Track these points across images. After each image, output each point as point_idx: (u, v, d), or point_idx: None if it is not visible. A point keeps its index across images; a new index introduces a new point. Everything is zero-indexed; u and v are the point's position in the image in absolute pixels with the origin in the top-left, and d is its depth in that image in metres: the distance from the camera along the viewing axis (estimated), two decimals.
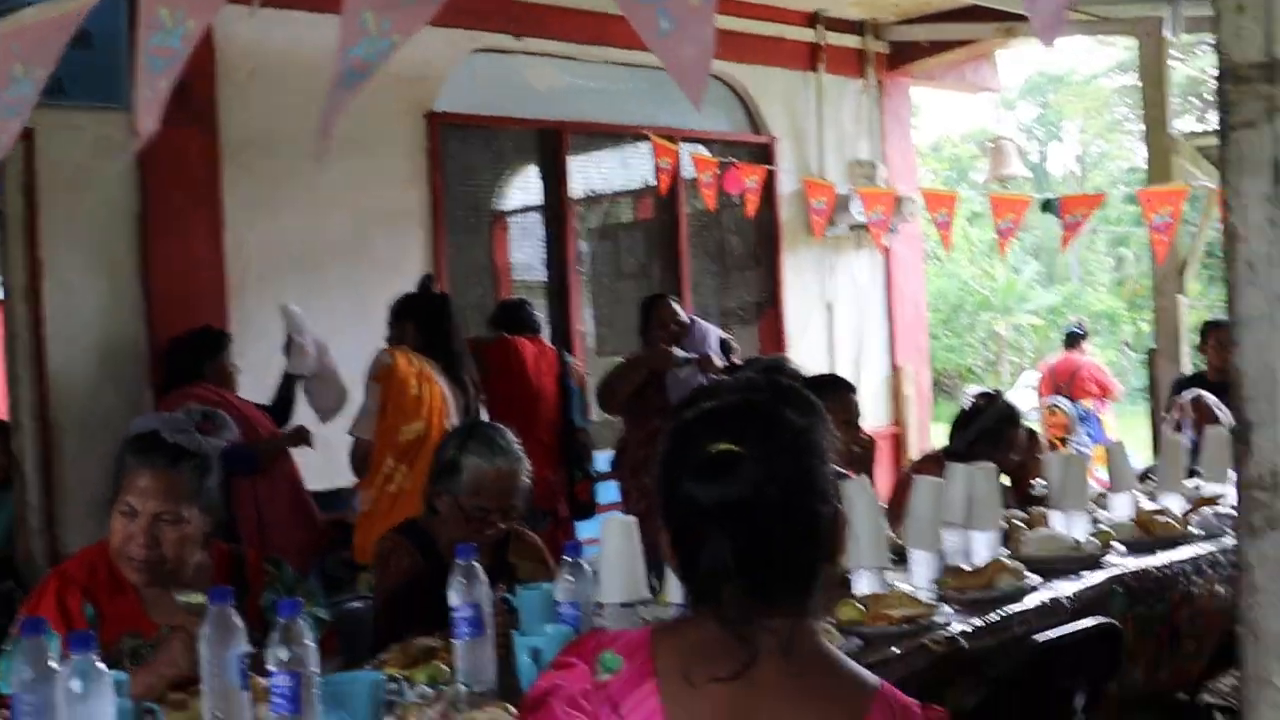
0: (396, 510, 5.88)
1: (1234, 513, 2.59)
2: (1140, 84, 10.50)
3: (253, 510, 6.49)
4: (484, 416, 6.77)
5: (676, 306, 7.93)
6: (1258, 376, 1.47)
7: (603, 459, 8.11)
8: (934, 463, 5.83)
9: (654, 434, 7.85)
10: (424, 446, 6.00)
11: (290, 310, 6.95)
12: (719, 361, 7.68)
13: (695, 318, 8.14)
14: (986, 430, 6.01)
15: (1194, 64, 24.80)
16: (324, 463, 6.96)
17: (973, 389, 10.07)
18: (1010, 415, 6.11)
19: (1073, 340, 15.33)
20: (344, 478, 6.79)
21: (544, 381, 7.49)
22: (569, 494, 7.49)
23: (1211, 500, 5.43)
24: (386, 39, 2.77)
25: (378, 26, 2.79)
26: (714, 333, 8.07)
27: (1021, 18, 10.19)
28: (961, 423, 6.18)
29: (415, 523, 4.47)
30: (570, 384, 7.59)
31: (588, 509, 7.55)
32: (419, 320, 6.70)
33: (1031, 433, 6.83)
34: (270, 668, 2.86)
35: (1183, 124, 11.89)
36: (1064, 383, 14.68)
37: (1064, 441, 13.43)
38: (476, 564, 3.53)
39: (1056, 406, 14.20)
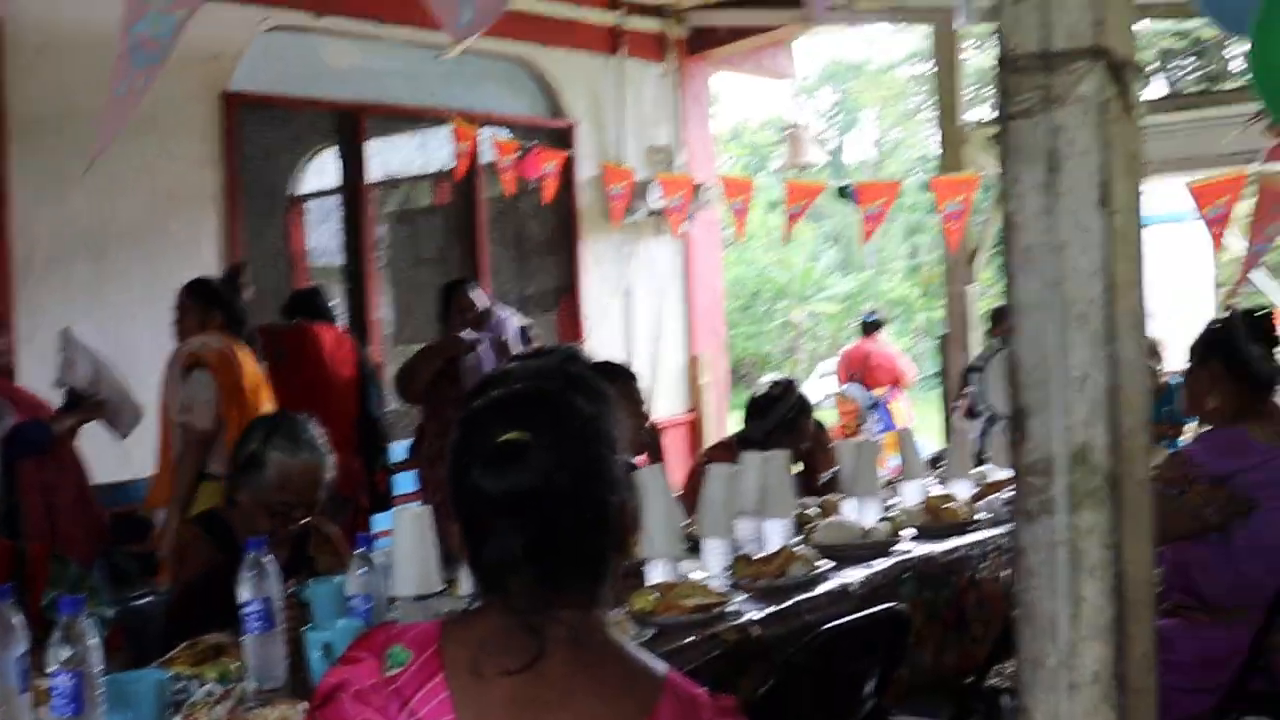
0: None
1: None
2: (934, 73, 10.72)
3: (39, 496, 6.28)
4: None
5: (474, 293, 7.88)
6: (1034, 363, 1.49)
7: (400, 449, 8.05)
8: (726, 450, 5.89)
9: (449, 424, 7.85)
10: None
11: (68, 334, 6.67)
12: (516, 349, 7.65)
13: (495, 304, 8.08)
14: (784, 420, 6.08)
15: (987, 54, 25.34)
16: (111, 455, 6.77)
17: (767, 377, 10.18)
18: (806, 405, 6.18)
19: (869, 328, 15.58)
20: (132, 470, 6.63)
21: (341, 370, 7.37)
22: (369, 484, 7.40)
23: (998, 486, 5.54)
24: (170, 15, 2.70)
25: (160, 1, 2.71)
26: (513, 320, 8.02)
27: None
28: (756, 411, 6.24)
29: (215, 513, 4.38)
30: (367, 373, 7.46)
31: (385, 500, 7.45)
32: (227, 308, 6.59)
33: (819, 423, 6.92)
34: (50, 668, 2.78)
35: (975, 113, 12.12)
36: (857, 370, 14.91)
37: (854, 430, 13.68)
38: (268, 557, 3.46)
39: (846, 395, 14.44)
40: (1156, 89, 26.55)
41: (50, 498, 6.31)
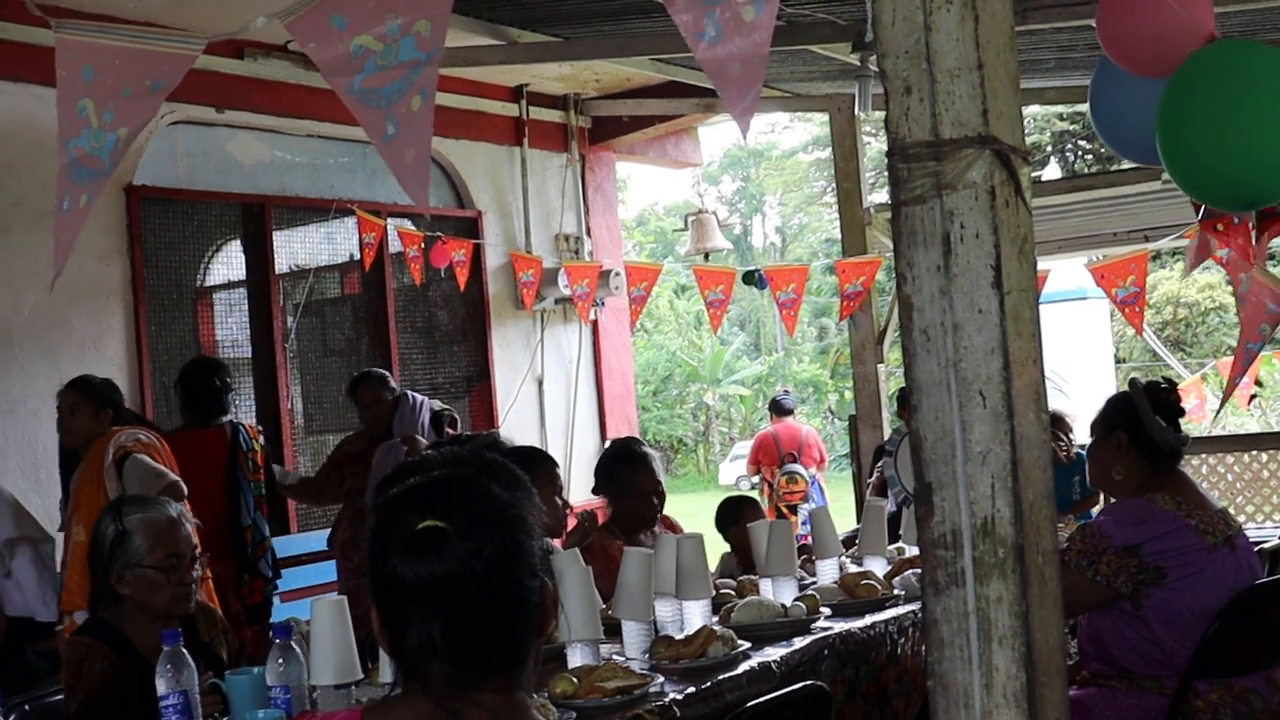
0: None
1: None
2: (834, 159, 10.86)
3: None
4: None
5: (381, 385, 7.86)
6: (936, 440, 1.53)
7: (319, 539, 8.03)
8: (611, 535, 5.90)
9: (360, 513, 7.73)
10: None
11: None
12: (425, 439, 7.60)
13: (409, 392, 8.04)
14: (605, 474, 6.09)
15: (885, 139, 25.69)
16: None
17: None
18: (622, 456, 6.14)
19: (783, 409, 15.63)
20: None
21: (206, 477, 7.08)
22: (239, 594, 7.20)
23: (913, 562, 5.57)
24: (111, 132, 2.72)
25: (99, 119, 2.74)
26: (427, 406, 7.98)
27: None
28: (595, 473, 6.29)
29: (101, 621, 4.20)
30: (242, 476, 7.27)
31: (262, 611, 7.25)
32: (116, 407, 6.56)
33: (753, 501, 6.94)
34: None
35: (877, 197, 12.29)
36: (793, 450, 14.90)
37: (795, 509, 13.72)
38: (184, 649, 3.44)
39: (796, 474, 14.46)
40: (1051, 171, 27.03)
41: None
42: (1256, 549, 4.88)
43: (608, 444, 6.66)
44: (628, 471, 6.00)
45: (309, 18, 2.70)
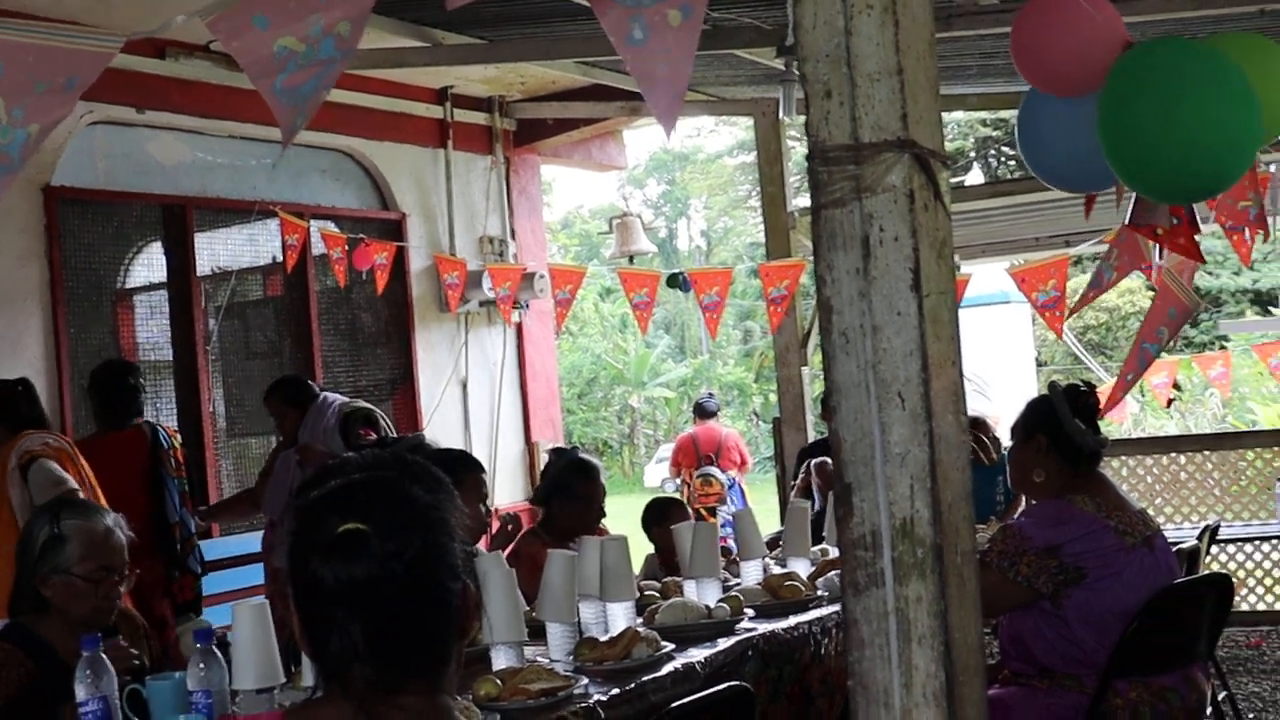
0: None
1: None
2: (758, 162, 10.91)
3: None
4: None
5: (285, 397, 7.78)
6: (855, 441, 1.54)
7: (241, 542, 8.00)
8: (538, 540, 5.92)
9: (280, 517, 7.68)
10: None
11: None
12: (330, 442, 7.48)
13: (326, 394, 7.95)
14: (556, 483, 6.12)
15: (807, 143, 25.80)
16: None
17: (549, 446, 10.25)
18: (578, 468, 6.18)
19: (706, 412, 15.67)
20: None
21: (128, 476, 7.05)
22: (168, 591, 7.15)
23: (836, 563, 5.59)
24: (21, 129, 2.69)
25: (9, 115, 2.71)
26: (336, 409, 7.74)
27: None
28: (540, 478, 6.33)
29: (19, 626, 4.13)
30: (165, 474, 7.20)
31: (192, 607, 7.20)
32: (33, 410, 6.49)
33: (678, 502, 6.97)
34: None
35: (801, 201, 12.35)
36: (711, 453, 14.96)
37: (713, 511, 13.75)
38: (103, 655, 3.41)
39: (711, 476, 14.50)
40: (974, 176, 27.26)
41: None
42: (1175, 549, 4.95)
43: (550, 451, 6.66)
44: (582, 482, 6.07)
45: (231, 18, 2.68)
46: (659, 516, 6.59)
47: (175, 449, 7.26)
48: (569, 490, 6.07)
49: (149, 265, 9.09)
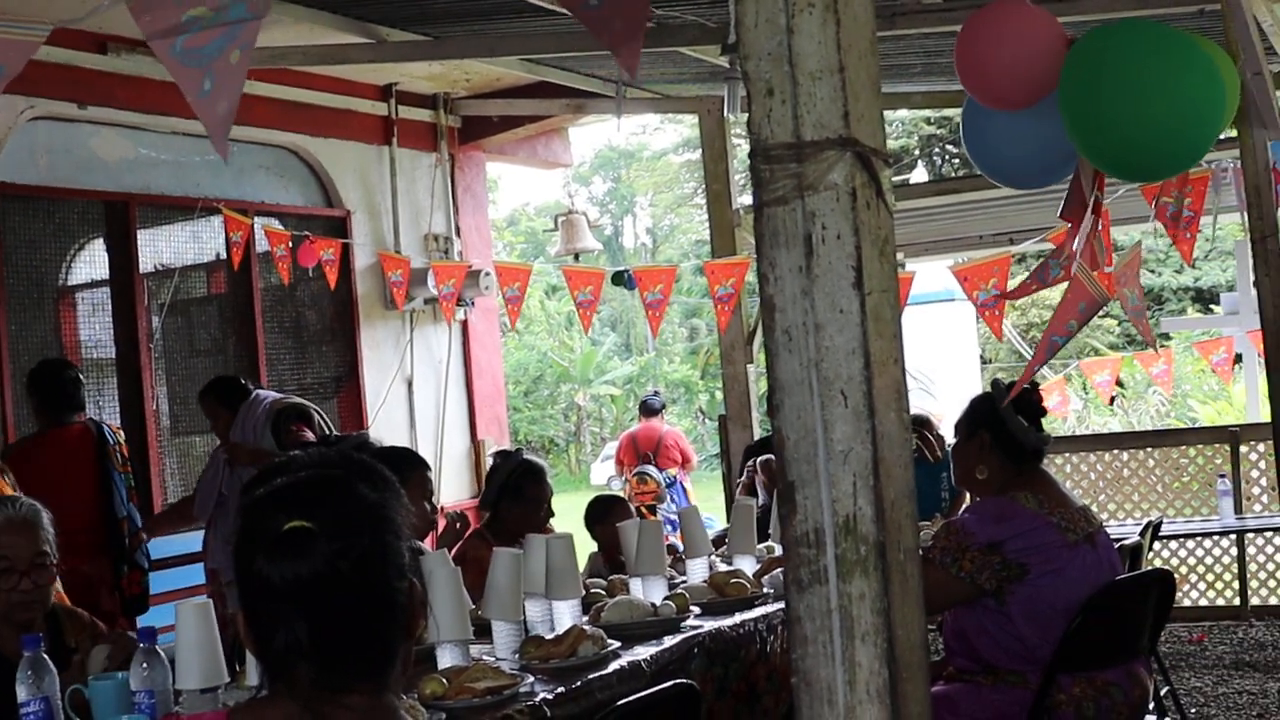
0: None
1: None
2: (704, 160, 10.93)
3: None
4: None
5: (216, 398, 7.73)
6: (799, 439, 1.55)
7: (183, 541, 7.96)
8: (483, 541, 5.94)
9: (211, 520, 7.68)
10: None
11: None
12: (260, 439, 7.44)
13: (259, 392, 7.89)
14: (508, 485, 6.14)
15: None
16: None
17: (495, 447, 10.27)
18: (527, 469, 6.21)
19: (649, 409, 15.70)
20: None
21: (78, 471, 7.07)
22: (117, 586, 7.12)
23: (781, 561, 5.60)
24: None
25: None
26: (267, 406, 7.67)
27: (589, 94, 10.49)
28: (486, 481, 6.33)
29: None
30: (108, 469, 7.16)
31: (140, 602, 7.22)
32: None
33: (622, 500, 6.98)
34: None
35: (746, 199, 12.38)
36: (649, 451, 15.00)
37: (653, 510, 13.76)
38: (44, 655, 3.38)
39: (646, 475, 14.54)
40: (919, 174, 27.39)
41: None
42: (1118, 546, 4.99)
43: (496, 454, 6.65)
44: (531, 484, 6.11)
45: None
46: (602, 514, 6.61)
47: (120, 445, 7.25)
48: (518, 492, 6.09)
49: (91, 262, 9.02)
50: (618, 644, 4.36)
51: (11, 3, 6.73)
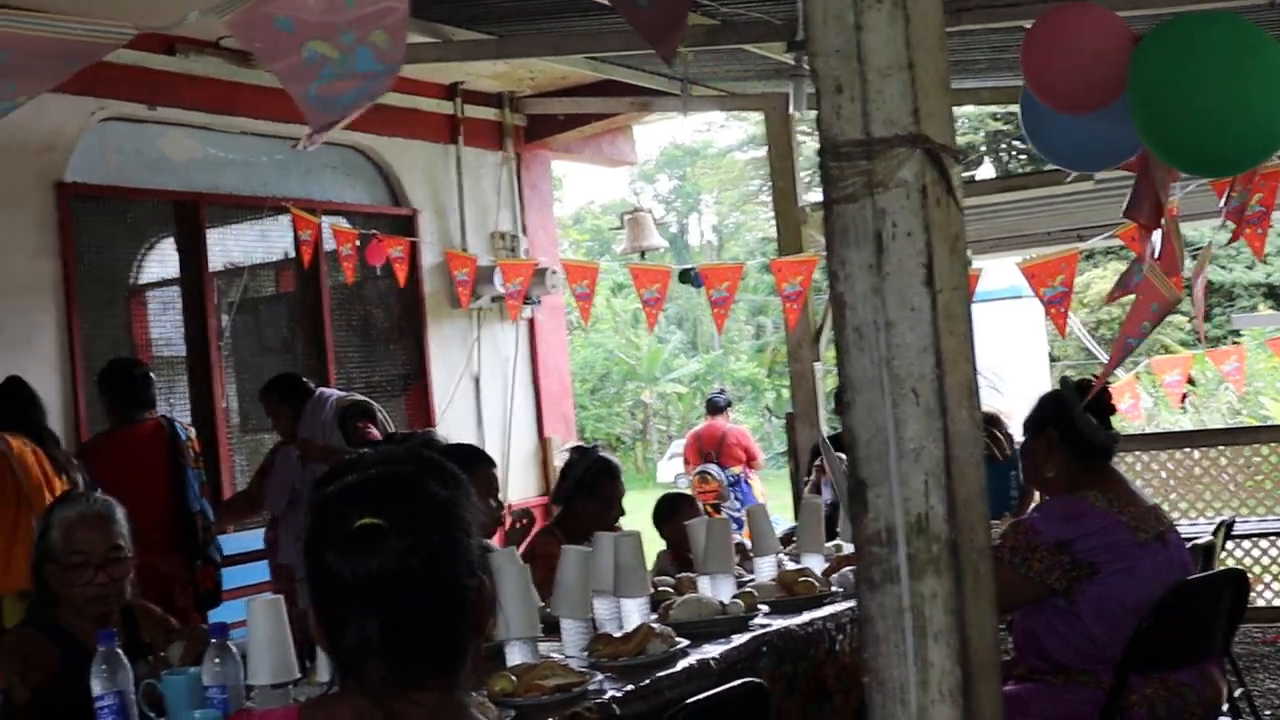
0: None
1: None
2: (769, 158, 10.90)
3: None
4: None
5: (279, 396, 7.78)
6: (869, 437, 1.54)
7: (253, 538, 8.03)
8: (551, 533, 5.96)
9: (276, 518, 7.75)
10: None
11: None
12: (327, 437, 7.49)
13: (322, 390, 7.94)
14: (581, 482, 6.15)
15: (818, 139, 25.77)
16: None
17: (568, 444, 10.28)
18: (603, 467, 6.22)
19: (714, 407, 15.69)
20: None
21: (151, 467, 7.15)
22: (190, 581, 7.18)
23: (851, 559, 5.59)
24: (10, 102, 2.69)
25: (3, 89, 2.71)
26: (333, 403, 7.75)
27: (655, 92, 10.49)
28: (560, 478, 6.34)
29: (40, 615, 4.24)
30: (182, 465, 7.26)
31: (213, 597, 7.29)
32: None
33: (690, 499, 6.97)
34: None
35: (812, 195, 12.33)
36: (712, 449, 14.99)
37: (716, 508, 13.74)
38: (119, 650, 3.42)
39: (707, 473, 14.52)
40: (985, 170, 27.20)
41: None
42: (1190, 545, 4.94)
43: (572, 450, 6.67)
44: (607, 482, 6.12)
45: (250, 18, 2.67)
46: (670, 513, 6.61)
47: (192, 440, 7.34)
48: (593, 489, 6.10)
49: (161, 261, 9.11)
50: (686, 642, 4.36)
51: (98, 8, 6.84)
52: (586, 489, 6.12)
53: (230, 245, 9.48)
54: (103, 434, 7.38)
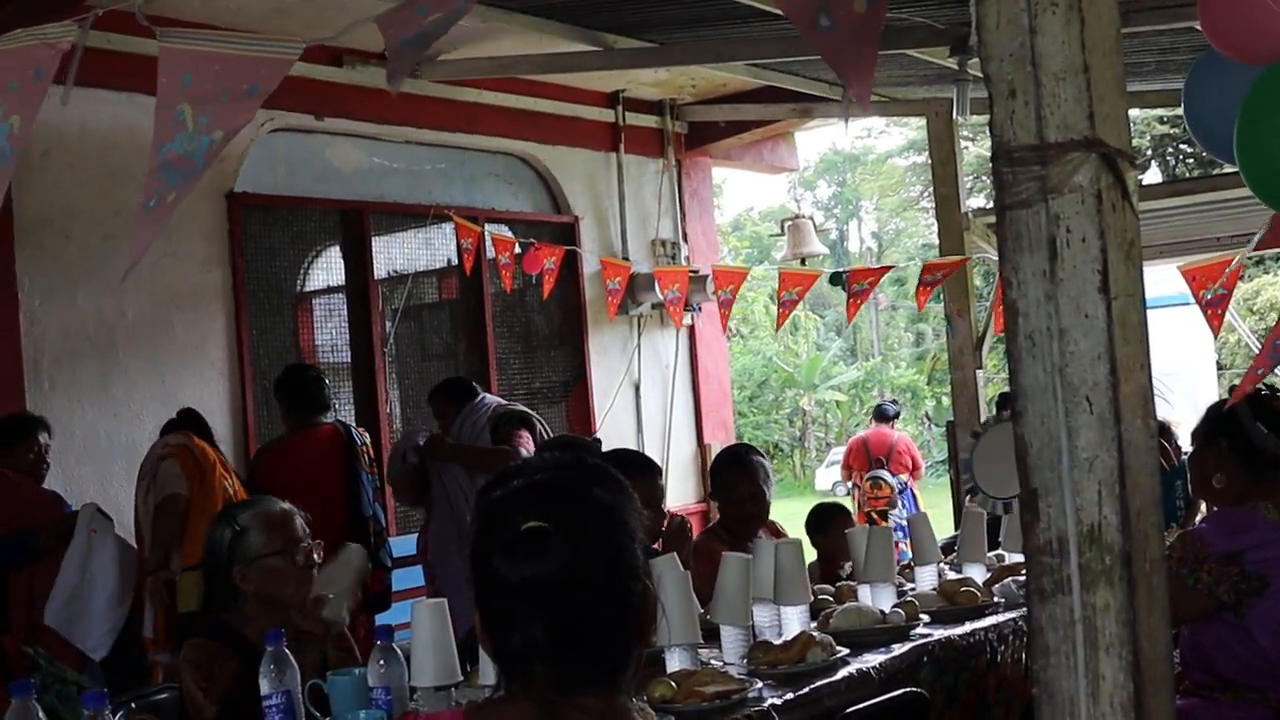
0: None
1: None
2: (931, 163, 10.80)
3: (25, 599, 6.31)
4: None
5: (444, 397, 7.85)
6: (1042, 446, 1.52)
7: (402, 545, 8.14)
8: (714, 535, 5.97)
9: (443, 519, 7.81)
10: None
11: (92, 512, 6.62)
12: (481, 440, 7.55)
13: (486, 395, 8.01)
14: (714, 477, 6.16)
15: (984, 144, 25.53)
16: None
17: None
18: (728, 459, 6.21)
19: (883, 415, 15.62)
20: None
21: (326, 472, 7.29)
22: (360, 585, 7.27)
23: (1013, 569, 5.53)
24: (206, 135, 2.75)
25: (195, 122, 2.77)
26: (489, 409, 7.77)
27: (815, 98, 10.45)
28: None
29: (216, 624, 4.21)
30: (356, 471, 7.39)
31: (382, 600, 7.40)
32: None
33: (841, 508, 6.92)
34: None
35: (974, 201, 12.21)
36: (882, 456, 14.91)
37: (884, 515, 13.65)
38: (286, 650, 3.48)
39: (880, 480, 14.42)
40: (1152, 175, 26.71)
41: (36, 600, 6.33)
42: None
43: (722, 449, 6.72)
44: (730, 475, 6.07)
45: (397, 13, 2.71)
46: (823, 523, 6.57)
47: (366, 446, 7.47)
48: (726, 483, 6.10)
49: (327, 269, 9.28)
50: (846, 651, 4.33)
51: (265, 23, 7.00)
52: (719, 485, 6.14)
53: (394, 253, 9.62)
54: (281, 438, 7.53)
